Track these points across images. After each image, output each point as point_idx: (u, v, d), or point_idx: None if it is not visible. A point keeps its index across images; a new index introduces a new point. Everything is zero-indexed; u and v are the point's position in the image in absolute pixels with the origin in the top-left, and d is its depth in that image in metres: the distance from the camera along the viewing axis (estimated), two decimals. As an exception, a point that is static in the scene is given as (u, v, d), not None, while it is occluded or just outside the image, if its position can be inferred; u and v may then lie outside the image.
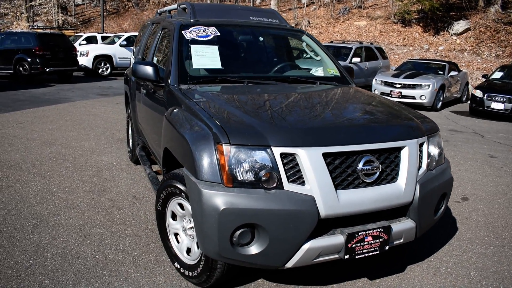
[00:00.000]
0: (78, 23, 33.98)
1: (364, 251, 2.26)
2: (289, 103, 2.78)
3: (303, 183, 2.11)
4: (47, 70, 12.92)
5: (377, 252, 2.31)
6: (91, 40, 18.60)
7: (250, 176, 2.08)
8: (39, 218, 3.53)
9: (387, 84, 11.41)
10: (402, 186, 2.32)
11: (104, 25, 28.86)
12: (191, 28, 3.39)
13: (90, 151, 5.62)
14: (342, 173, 2.20)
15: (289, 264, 2.16)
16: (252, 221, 2.03)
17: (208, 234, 2.07)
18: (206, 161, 2.11)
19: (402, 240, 2.45)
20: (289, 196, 2.06)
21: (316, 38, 3.93)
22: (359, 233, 2.21)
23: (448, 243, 3.42)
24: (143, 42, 4.73)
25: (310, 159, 2.09)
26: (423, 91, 10.83)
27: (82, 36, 19.15)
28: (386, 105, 2.95)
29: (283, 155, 2.10)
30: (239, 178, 2.07)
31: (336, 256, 2.24)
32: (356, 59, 12.68)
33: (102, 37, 18.85)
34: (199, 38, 3.32)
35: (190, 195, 2.19)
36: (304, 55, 4.11)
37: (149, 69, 3.13)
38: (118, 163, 5.14)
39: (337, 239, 2.19)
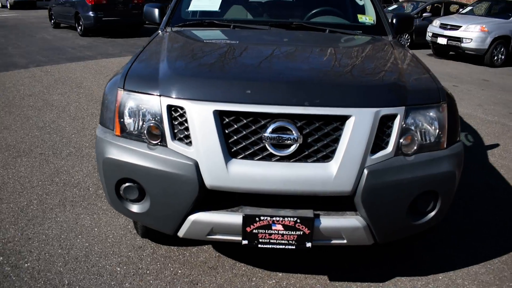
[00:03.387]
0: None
1: (271, 241, 1.79)
2: (232, 51, 2.31)
3: (189, 143, 1.76)
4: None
5: (294, 247, 1.80)
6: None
7: (135, 128, 1.88)
8: (78, 148, 3.94)
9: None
10: (333, 169, 1.71)
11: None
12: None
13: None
14: (245, 139, 1.74)
15: (180, 234, 1.90)
16: (131, 177, 1.83)
17: (102, 182, 1.98)
18: (106, 107, 2.02)
19: (345, 241, 1.86)
20: (170, 156, 1.76)
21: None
22: (262, 218, 1.75)
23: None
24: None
25: (198, 116, 1.71)
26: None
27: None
28: (386, 63, 2.20)
29: (171, 108, 1.79)
30: (126, 129, 1.89)
31: (239, 238, 1.84)
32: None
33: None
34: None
35: (97, 139, 2.10)
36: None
37: (154, 11, 3.05)
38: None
39: (234, 218, 1.78)
